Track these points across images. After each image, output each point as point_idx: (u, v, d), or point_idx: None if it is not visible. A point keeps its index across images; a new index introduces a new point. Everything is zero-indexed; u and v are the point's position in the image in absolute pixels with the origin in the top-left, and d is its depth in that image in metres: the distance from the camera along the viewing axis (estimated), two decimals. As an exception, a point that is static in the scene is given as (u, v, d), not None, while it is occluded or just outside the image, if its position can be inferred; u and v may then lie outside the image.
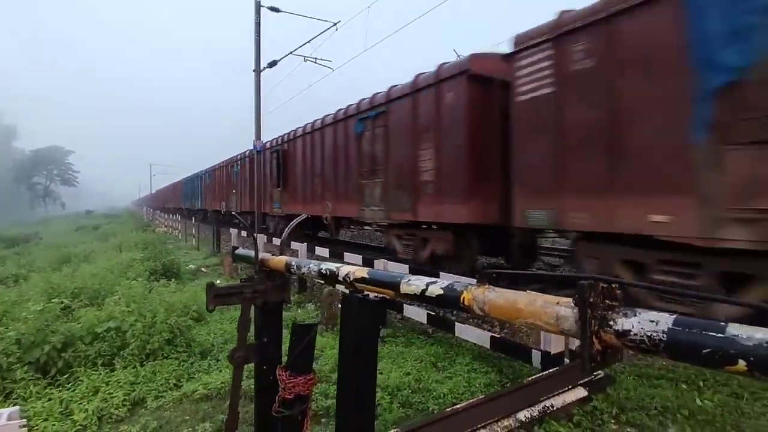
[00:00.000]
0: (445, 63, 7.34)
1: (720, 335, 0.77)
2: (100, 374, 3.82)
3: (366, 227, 12.97)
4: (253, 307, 2.35)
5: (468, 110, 6.74)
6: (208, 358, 4.46)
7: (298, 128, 13.12)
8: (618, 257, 5.09)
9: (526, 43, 5.82)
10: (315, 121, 11.99)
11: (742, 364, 0.73)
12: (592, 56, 5.04)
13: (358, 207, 9.63)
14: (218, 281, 8.90)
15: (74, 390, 3.63)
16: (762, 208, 3.74)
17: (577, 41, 5.21)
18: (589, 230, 5.22)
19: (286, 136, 13.99)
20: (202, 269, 10.69)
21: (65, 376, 3.84)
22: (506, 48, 6.14)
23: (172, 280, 7.56)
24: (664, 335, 0.84)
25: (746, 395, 3.32)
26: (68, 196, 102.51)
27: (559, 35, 5.39)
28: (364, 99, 9.62)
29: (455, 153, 6.95)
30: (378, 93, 9.08)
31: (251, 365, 2.39)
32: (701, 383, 3.53)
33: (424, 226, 8.01)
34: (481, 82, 6.73)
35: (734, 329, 0.77)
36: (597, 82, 5.00)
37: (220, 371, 4.04)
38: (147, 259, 9.53)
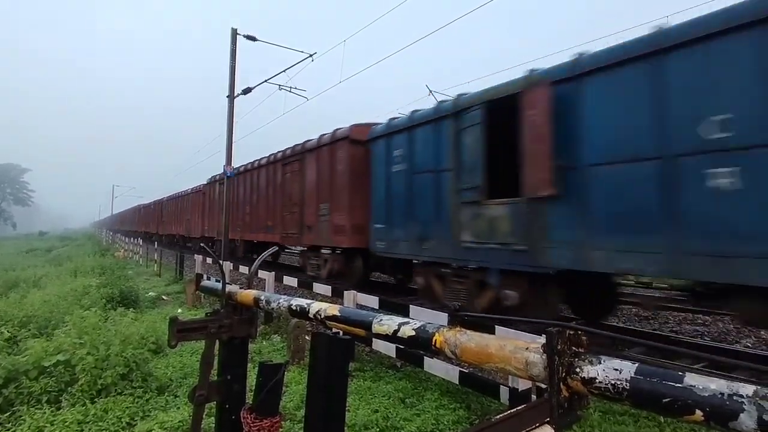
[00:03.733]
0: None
1: (678, 385, 0.81)
2: (45, 413, 3.53)
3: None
4: (217, 342, 2.27)
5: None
6: (166, 393, 4.22)
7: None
8: None
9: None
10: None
11: (699, 414, 0.76)
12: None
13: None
14: (179, 310, 8.53)
15: (15, 431, 3.35)
16: None
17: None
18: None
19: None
20: (163, 297, 10.24)
21: (6, 415, 3.54)
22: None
23: (130, 308, 7.19)
24: (627, 384, 0.87)
25: (704, 431, 3.42)
26: (21, 216, 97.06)
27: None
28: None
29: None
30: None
31: (213, 403, 2.29)
32: (662, 419, 3.61)
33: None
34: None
35: (691, 379, 0.80)
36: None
37: (179, 408, 3.83)
38: (104, 285, 9.04)
